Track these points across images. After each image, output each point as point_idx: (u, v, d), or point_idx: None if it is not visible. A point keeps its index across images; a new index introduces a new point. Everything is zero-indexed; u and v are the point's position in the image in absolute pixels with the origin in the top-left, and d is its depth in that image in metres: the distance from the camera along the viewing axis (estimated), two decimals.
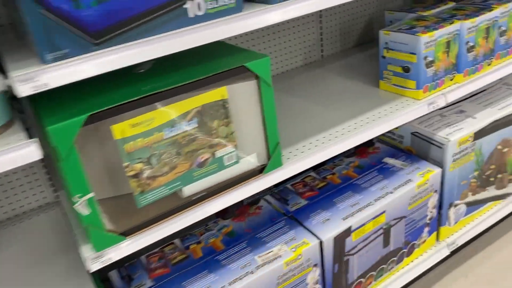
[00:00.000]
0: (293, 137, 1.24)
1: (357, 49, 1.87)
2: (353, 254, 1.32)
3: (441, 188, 1.50)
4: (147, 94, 0.86)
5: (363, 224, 1.30)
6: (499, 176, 1.65)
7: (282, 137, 1.24)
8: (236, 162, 1.03)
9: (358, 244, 1.32)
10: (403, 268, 1.51)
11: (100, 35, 0.78)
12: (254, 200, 1.44)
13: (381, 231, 1.37)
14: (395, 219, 1.39)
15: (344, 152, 1.64)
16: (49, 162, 1.29)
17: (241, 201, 1.26)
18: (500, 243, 1.81)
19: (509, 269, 1.70)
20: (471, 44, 1.37)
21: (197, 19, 0.86)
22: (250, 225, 1.32)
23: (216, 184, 1.03)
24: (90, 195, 0.85)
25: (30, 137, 0.81)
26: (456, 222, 1.60)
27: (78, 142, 0.81)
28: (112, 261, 0.93)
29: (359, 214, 1.30)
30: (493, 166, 1.60)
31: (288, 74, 1.70)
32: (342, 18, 1.81)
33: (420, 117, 1.55)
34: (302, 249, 1.20)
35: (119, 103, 0.83)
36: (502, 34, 1.45)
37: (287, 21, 1.65)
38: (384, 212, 1.34)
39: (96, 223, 0.88)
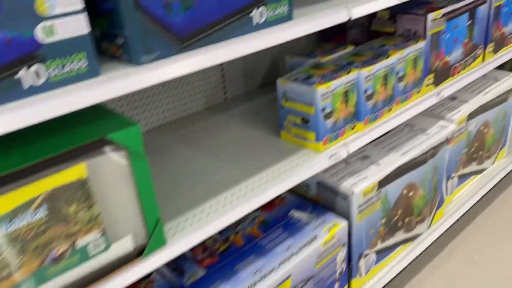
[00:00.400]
0: (186, 202, 1.09)
1: (262, 90, 1.78)
2: None
3: (349, 241, 1.43)
4: None
5: None
6: (407, 219, 1.63)
7: (171, 204, 1.09)
8: (106, 249, 0.86)
9: None
10: None
11: (185, 39, 0.87)
12: (146, 275, 1.26)
13: None
14: (301, 281, 1.28)
15: None
16: None
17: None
18: (414, 283, 1.79)
19: None
20: (370, 92, 1.32)
21: (258, 27, 0.97)
22: None
23: (82, 279, 0.84)
24: None
25: None
26: (367, 272, 1.54)
27: None
28: None
29: (261, 284, 1.17)
30: (399, 211, 1.57)
31: (190, 118, 1.57)
32: (245, 58, 1.71)
33: None
34: None
35: None
36: (400, 79, 1.43)
37: None
38: (289, 276, 1.23)
39: None
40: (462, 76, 1.70)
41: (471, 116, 1.81)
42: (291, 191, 1.58)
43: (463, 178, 1.93)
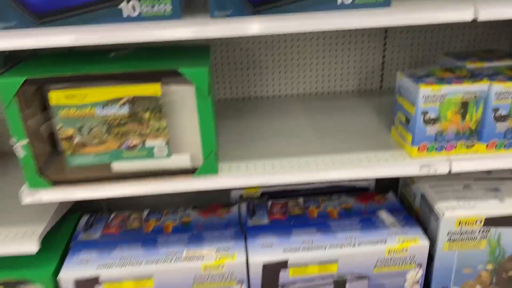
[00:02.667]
0: (256, 153, 1.24)
1: None
2: None
3: (429, 266, 1.29)
4: (83, 74, 1.01)
5: (305, 264, 1.23)
6: None
7: (244, 152, 1.25)
8: (168, 156, 1.11)
9: (298, 283, 1.26)
10: None
11: (256, 5, 0.98)
12: (230, 203, 1.48)
13: (331, 280, 1.27)
14: (353, 274, 1.27)
15: (356, 190, 1.53)
16: None
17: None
18: None
19: None
20: (503, 112, 1.12)
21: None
22: (206, 223, 1.38)
23: (146, 170, 1.13)
24: (25, 141, 1.05)
25: None
26: None
27: (21, 97, 1.01)
28: (42, 201, 1.12)
29: (303, 253, 1.23)
30: None
31: (341, 95, 1.64)
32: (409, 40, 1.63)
33: (439, 181, 1.34)
34: (225, 261, 1.22)
35: (55, 75, 1.00)
36: None
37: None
38: (336, 261, 1.24)
39: (29, 165, 1.08)
40: None
41: None
42: (403, 196, 1.50)
43: None
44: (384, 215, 1.35)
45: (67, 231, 1.38)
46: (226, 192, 1.75)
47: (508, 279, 1.31)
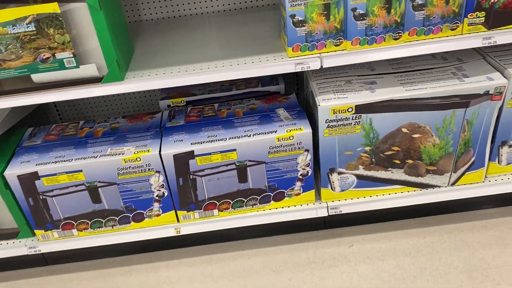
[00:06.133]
0: (160, 63, 1.44)
1: None
2: (200, 176, 1.52)
3: (316, 151, 1.53)
4: None
5: (209, 154, 1.48)
6: (409, 161, 1.56)
7: (149, 62, 1.45)
8: (76, 67, 1.31)
9: (206, 169, 1.51)
10: (270, 209, 1.64)
11: None
12: (153, 111, 1.71)
13: (233, 166, 1.52)
14: (251, 161, 1.51)
15: (263, 92, 1.74)
16: None
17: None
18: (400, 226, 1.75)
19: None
20: (361, 11, 1.30)
21: None
22: (132, 128, 1.62)
23: (62, 80, 1.34)
24: None
25: None
26: (343, 190, 1.62)
27: None
28: None
29: (207, 144, 1.47)
30: (396, 148, 1.53)
31: (257, 9, 1.81)
32: None
33: (326, 79, 1.55)
34: (142, 155, 1.46)
35: None
36: (418, 8, 1.31)
37: None
38: (235, 150, 1.48)
39: None
40: None
41: None
42: (306, 97, 1.71)
43: None
44: (280, 111, 1.58)
45: (15, 140, 1.63)
46: (156, 103, 1.99)
47: (385, 158, 1.55)
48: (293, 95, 1.69)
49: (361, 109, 1.44)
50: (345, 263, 1.66)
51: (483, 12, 1.34)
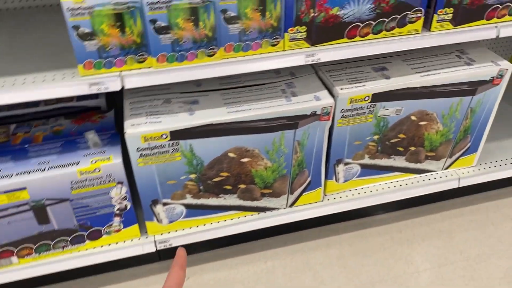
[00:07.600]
0: None
1: None
2: None
3: (133, 180, 1.32)
4: None
5: None
6: (242, 186, 1.42)
7: None
8: None
9: None
10: (86, 249, 1.39)
11: None
12: None
13: (27, 207, 1.24)
14: (51, 199, 1.25)
15: (89, 110, 1.47)
16: None
17: None
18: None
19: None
20: (162, 24, 1.09)
21: None
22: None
23: None
24: None
25: None
26: (171, 222, 1.43)
27: None
28: None
29: None
30: (225, 174, 1.37)
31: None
32: None
33: (144, 96, 1.33)
34: None
35: None
36: (230, 21, 1.14)
37: None
38: (24, 188, 1.20)
39: None
40: (368, 42, 1.28)
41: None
42: None
43: None
44: (90, 135, 1.32)
45: None
46: None
47: (214, 185, 1.39)
48: (112, 112, 1.45)
49: (177, 135, 1.24)
50: None
51: (304, 27, 1.21)
